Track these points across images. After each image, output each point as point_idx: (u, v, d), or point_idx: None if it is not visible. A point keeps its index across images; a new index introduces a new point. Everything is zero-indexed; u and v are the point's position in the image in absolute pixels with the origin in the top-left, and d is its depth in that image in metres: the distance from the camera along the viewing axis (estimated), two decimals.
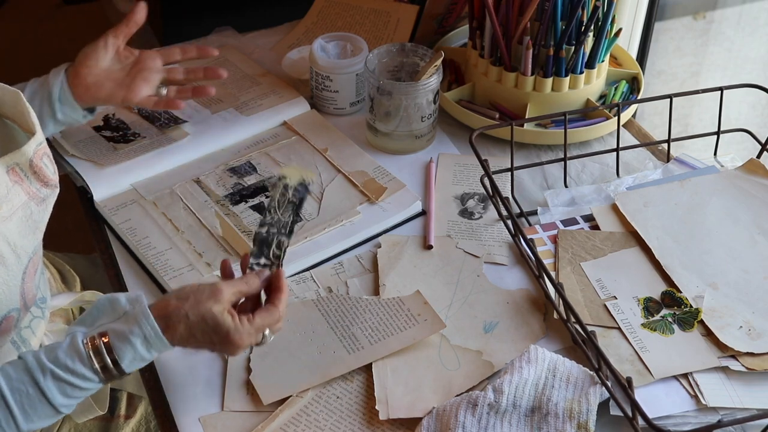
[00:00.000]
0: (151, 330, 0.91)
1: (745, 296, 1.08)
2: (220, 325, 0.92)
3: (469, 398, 0.95)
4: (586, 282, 1.11)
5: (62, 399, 0.89)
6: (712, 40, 2.21)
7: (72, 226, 1.96)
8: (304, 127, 1.38)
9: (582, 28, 1.31)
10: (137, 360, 0.91)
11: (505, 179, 1.27)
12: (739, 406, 0.96)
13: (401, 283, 1.14)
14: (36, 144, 0.93)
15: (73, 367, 0.89)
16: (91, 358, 0.89)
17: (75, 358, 0.89)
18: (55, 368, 0.88)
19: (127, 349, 0.90)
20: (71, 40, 3.00)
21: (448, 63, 1.47)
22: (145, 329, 0.91)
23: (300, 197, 1.00)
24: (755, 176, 1.23)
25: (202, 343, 0.94)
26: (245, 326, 0.93)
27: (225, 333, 0.92)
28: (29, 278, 0.96)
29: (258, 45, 1.59)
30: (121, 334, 0.90)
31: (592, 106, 1.38)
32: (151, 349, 0.91)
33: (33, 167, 0.93)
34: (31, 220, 0.94)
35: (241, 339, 0.93)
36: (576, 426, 0.92)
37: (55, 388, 0.88)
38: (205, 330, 0.92)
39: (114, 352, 0.90)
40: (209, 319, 0.92)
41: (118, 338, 0.90)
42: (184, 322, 0.92)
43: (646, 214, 1.19)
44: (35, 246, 0.96)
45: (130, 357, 0.90)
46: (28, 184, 0.93)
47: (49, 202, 0.97)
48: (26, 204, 0.93)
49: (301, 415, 0.99)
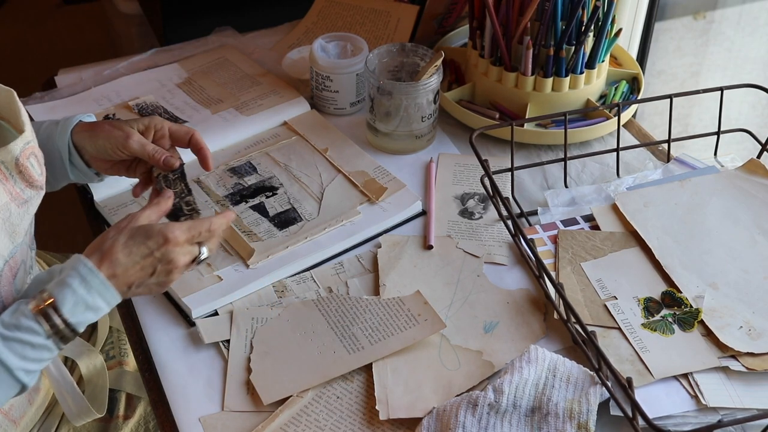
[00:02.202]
0: (85, 267, 0.91)
1: (745, 296, 1.08)
2: (150, 229, 0.94)
3: (469, 398, 0.95)
4: (586, 282, 1.11)
5: (18, 361, 0.88)
6: (712, 40, 2.21)
7: (72, 226, 1.97)
8: (305, 127, 1.38)
9: (582, 28, 1.31)
10: (80, 306, 0.90)
11: (506, 179, 1.27)
12: (739, 406, 0.96)
13: (401, 283, 1.14)
14: (23, 143, 0.92)
15: (18, 323, 0.88)
16: (34, 312, 0.89)
17: (19, 315, 0.89)
18: (2, 330, 0.88)
19: (66, 293, 0.89)
20: (71, 40, 3.02)
21: (448, 63, 1.47)
22: (80, 269, 0.91)
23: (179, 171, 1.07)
24: (755, 176, 1.23)
25: (143, 262, 0.94)
26: (175, 225, 0.95)
27: (158, 231, 0.94)
28: (6, 282, 0.94)
29: (258, 45, 1.59)
30: (59, 282, 0.90)
31: (593, 106, 1.38)
32: (91, 290, 0.91)
33: (19, 166, 0.92)
34: (9, 222, 0.92)
35: (175, 235, 0.94)
36: (576, 426, 0.93)
37: (6, 349, 0.87)
38: (139, 242, 0.93)
39: (55, 301, 0.89)
40: (140, 230, 0.94)
41: (55, 286, 0.90)
42: (116, 245, 0.93)
43: (646, 214, 1.19)
44: (11, 250, 0.94)
45: (71, 301, 0.89)
46: (12, 184, 0.92)
47: (31, 205, 0.95)
48: (6, 206, 0.91)
49: (302, 415, 0.99)
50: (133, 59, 1.55)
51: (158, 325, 1.10)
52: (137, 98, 1.43)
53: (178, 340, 1.08)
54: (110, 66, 1.53)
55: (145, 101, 1.43)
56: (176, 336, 1.09)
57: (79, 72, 1.52)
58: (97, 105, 1.42)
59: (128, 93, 1.45)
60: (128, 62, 1.54)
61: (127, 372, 1.19)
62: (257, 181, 1.28)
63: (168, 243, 0.94)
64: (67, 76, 1.51)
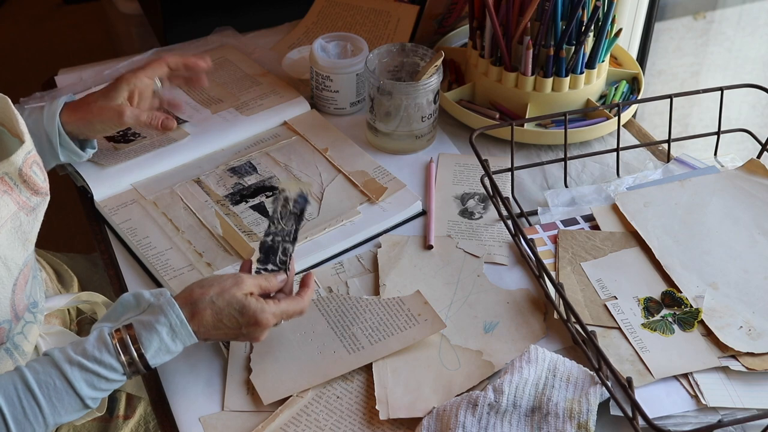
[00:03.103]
0: (177, 318, 0.93)
1: (745, 296, 1.08)
2: (246, 307, 0.95)
3: (469, 398, 0.95)
4: (586, 282, 1.11)
5: (89, 390, 0.90)
6: (712, 40, 2.21)
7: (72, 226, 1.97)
8: (305, 127, 1.38)
9: (582, 28, 1.31)
10: (162, 351, 0.93)
11: (506, 179, 1.27)
12: (739, 406, 0.96)
13: (401, 283, 1.14)
14: (25, 153, 0.93)
15: (100, 358, 0.90)
16: (117, 349, 0.91)
17: (102, 348, 0.91)
18: (83, 359, 0.90)
19: (153, 339, 0.92)
20: (71, 40, 3.02)
21: (448, 63, 1.47)
22: (171, 318, 0.92)
23: (300, 207, 1.05)
24: (755, 176, 1.23)
25: (228, 329, 0.96)
26: (271, 306, 0.97)
27: (251, 313, 0.95)
28: (19, 289, 0.96)
29: (258, 45, 1.59)
30: (147, 324, 0.92)
31: (593, 106, 1.38)
32: (176, 339, 0.93)
33: (22, 176, 0.92)
34: (21, 231, 0.93)
35: (267, 319, 0.96)
36: (576, 426, 0.92)
37: (82, 379, 0.90)
38: (231, 314, 0.95)
39: (139, 342, 0.91)
40: (235, 303, 0.95)
41: (143, 328, 0.92)
42: (210, 307, 0.94)
43: (646, 214, 1.19)
44: (26, 258, 0.95)
45: (156, 347, 0.92)
46: (18, 193, 0.92)
47: (39, 211, 0.96)
48: (15, 215, 0.92)
49: (302, 415, 0.99)
50: (134, 59, 1.55)
51: None
52: None
53: None
54: (110, 66, 1.53)
55: None
56: None
57: (79, 72, 1.52)
58: None
59: None
60: (128, 62, 1.54)
61: None
62: (257, 181, 1.28)
63: (258, 325, 0.97)
64: (67, 76, 1.51)
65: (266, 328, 0.97)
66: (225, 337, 0.98)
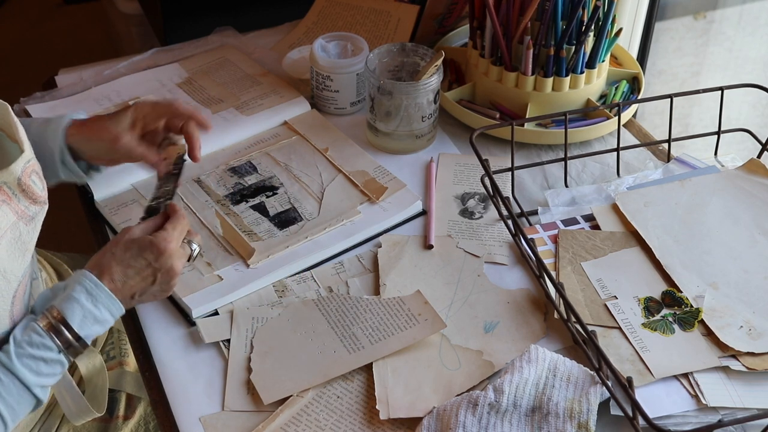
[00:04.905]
0: (89, 281, 0.94)
1: (745, 296, 1.08)
2: (143, 242, 0.98)
3: (469, 398, 0.95)
4: (586, 282, 1.11)
5: (34, 377, 0.91)
6: (713, 40, 2.21)
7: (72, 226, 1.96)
8: (305, 126, 1.38)
9: (582, 28, 1.31)
10: (89, 319, 0.94)
11: (506, 179, 1.27)
12: (739, 406, 0.96)
13: (402, 283, 1.14)
14: (24, 162, 0.93)
15: (30, 340, 0.91)
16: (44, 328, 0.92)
17: (30, 333, 0.92)
18: (17, 347, 0.91)
19: (74, 307, 0.93)
20: (71, 40, 3.02)
21: (448, 63, 1.47)
22: (84, 283, 0.94)
23: (179, 168, 1.13)
24: (755, 176, 1.23)
25: (140, 274, 0.98)
26: (162, 233, 0.99)
27: (150, 244, 0.98)
28: (18, 301, 0.95)
29: (258, 45, 1.59)
30: (66, 298, 0.94)
31: (593, 105, 1.38)
32: (98, 304, 0.94)
33: (21, 185, 0.92)
34: (20, 241, 0.93)
35: (167, 242, 0.98)
36: (576, 426, 0.92)
37: (22, 366, 0.90)
38: (134, 256, 0.97)
39: (62, 314, 0.93)
40: (133, 245, 0.98)
41: (63, 301, 0.94)
42: (113, 260, 0.97)
43: (646, 214, 1.19)
44: (24, 269, 0.95)
45: (80, 315, 0.93)
46: (17, 203, 0.92)
47: (38, 220, 0.96)
48: (15, 225, 0.92)
49: (302, 415, 0.99)
50: (134, 59, 1.55)
51: (158, 324, 1.10)
52: (138, 98, 1.43)
53: (178, 340, 1.08)
54: (110, 66, 1.53)
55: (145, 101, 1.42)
56: (176, 336, 1.09)
57: (79, 72, 1.52)
58: (97, 105, 1.42)
59: (128, 93, 1.45)
60: (128, 62, 1.54)
61: (128, 372, 1.19)
62: (257, 181, 1.29)
63: (164, 252, 0.98)
64: (68, 76, 1.51)
65: (173, 253, 0.99)
66: (144, 284, 0.99)
